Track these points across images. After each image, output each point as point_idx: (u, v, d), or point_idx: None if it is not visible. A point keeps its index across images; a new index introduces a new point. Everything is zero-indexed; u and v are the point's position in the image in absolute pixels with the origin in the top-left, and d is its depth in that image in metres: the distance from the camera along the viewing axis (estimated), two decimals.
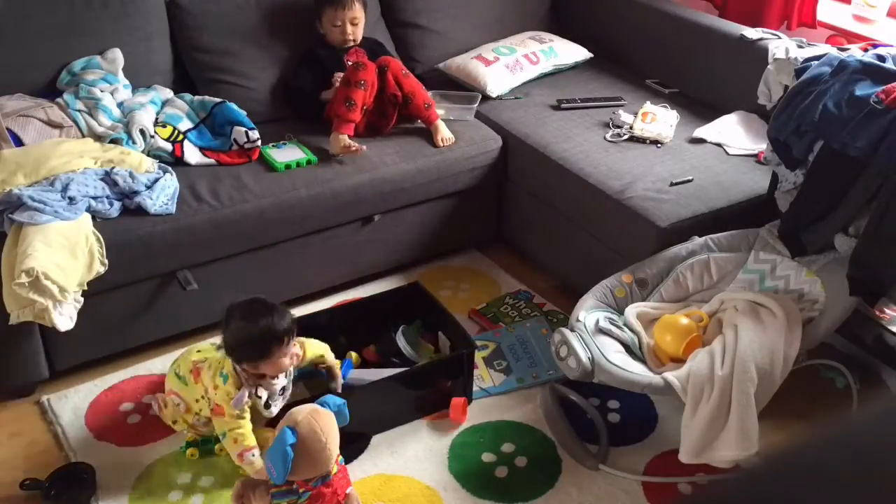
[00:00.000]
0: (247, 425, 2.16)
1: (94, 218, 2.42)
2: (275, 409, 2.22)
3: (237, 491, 1.97)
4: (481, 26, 3.50)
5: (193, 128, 2.81)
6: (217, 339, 2.22)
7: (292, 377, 2.27)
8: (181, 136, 2.75)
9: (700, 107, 3.17)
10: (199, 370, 2.22)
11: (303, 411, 1.96)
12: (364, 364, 2.58)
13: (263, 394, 2.17)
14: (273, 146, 2.83)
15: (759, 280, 2.48)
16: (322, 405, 1.99)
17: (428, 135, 2.98)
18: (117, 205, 2.47)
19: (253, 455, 2.15)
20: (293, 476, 1.93)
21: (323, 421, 1.94)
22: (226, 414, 2.14)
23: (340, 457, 2.02)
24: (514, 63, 3.30)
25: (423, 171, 2.89)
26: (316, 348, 2.32)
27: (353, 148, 2.78)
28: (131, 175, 2.51)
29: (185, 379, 2.25)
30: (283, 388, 2.23)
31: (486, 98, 3.22)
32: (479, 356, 2.65)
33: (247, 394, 2.13)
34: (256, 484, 1.97)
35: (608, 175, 2.75)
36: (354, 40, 3.06)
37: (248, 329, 2.08)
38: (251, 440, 2.16)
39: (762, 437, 2.09)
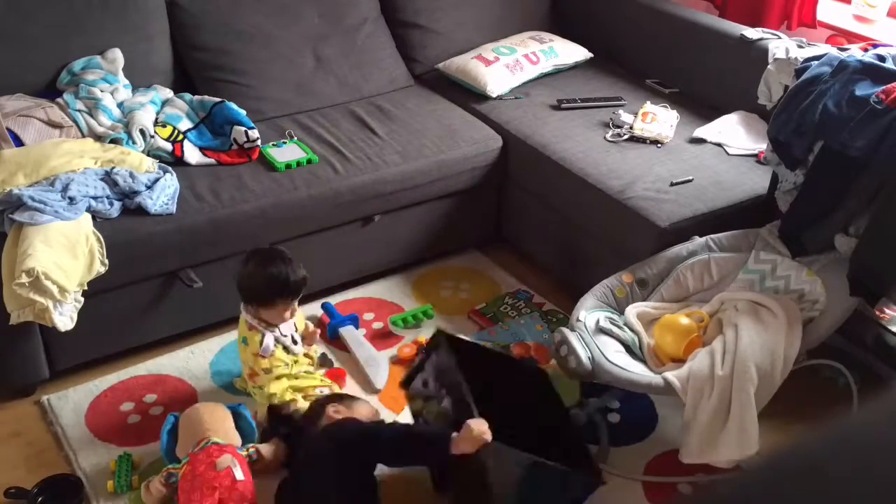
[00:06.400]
0: (280, 383, 2.32)
1: (94, 218, 2.41)
2: (299, 348, 2.39)
3: (144, 485, 2.16)
4: (481, 26, 3.50)
5: (193, 127, 2.81)
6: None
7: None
8: (181, 136, 2.75)
9: (700, 107, 3.17)
10: (255, 376, 2.35)
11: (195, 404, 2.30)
12: None
13: (287, 331, 2.35)
14: (273, 145, 2.83)
15: (759, 280, 2.48)
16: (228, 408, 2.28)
17: (428, 135, 2.98)
18: (117, 205, 2.47)
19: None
20: (180, 452, 2.18)
21: (203, 408, 2.25)
22: (259, 374, 2.31)
23: (239, 447, 2.18)
24: (514, 63, 3.30)
25: (423, 171, 2.88)
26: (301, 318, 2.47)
27: None
28: (131, 175, 2.51)
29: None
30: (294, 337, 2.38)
31: (486, 98, 3.22)
32: None
33: (272, 338, 2.28)
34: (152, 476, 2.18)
35: (608, 175, 2.75)
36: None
37: (266, 272, 2.26)
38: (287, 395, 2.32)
39: (762, 437, 2.08)
